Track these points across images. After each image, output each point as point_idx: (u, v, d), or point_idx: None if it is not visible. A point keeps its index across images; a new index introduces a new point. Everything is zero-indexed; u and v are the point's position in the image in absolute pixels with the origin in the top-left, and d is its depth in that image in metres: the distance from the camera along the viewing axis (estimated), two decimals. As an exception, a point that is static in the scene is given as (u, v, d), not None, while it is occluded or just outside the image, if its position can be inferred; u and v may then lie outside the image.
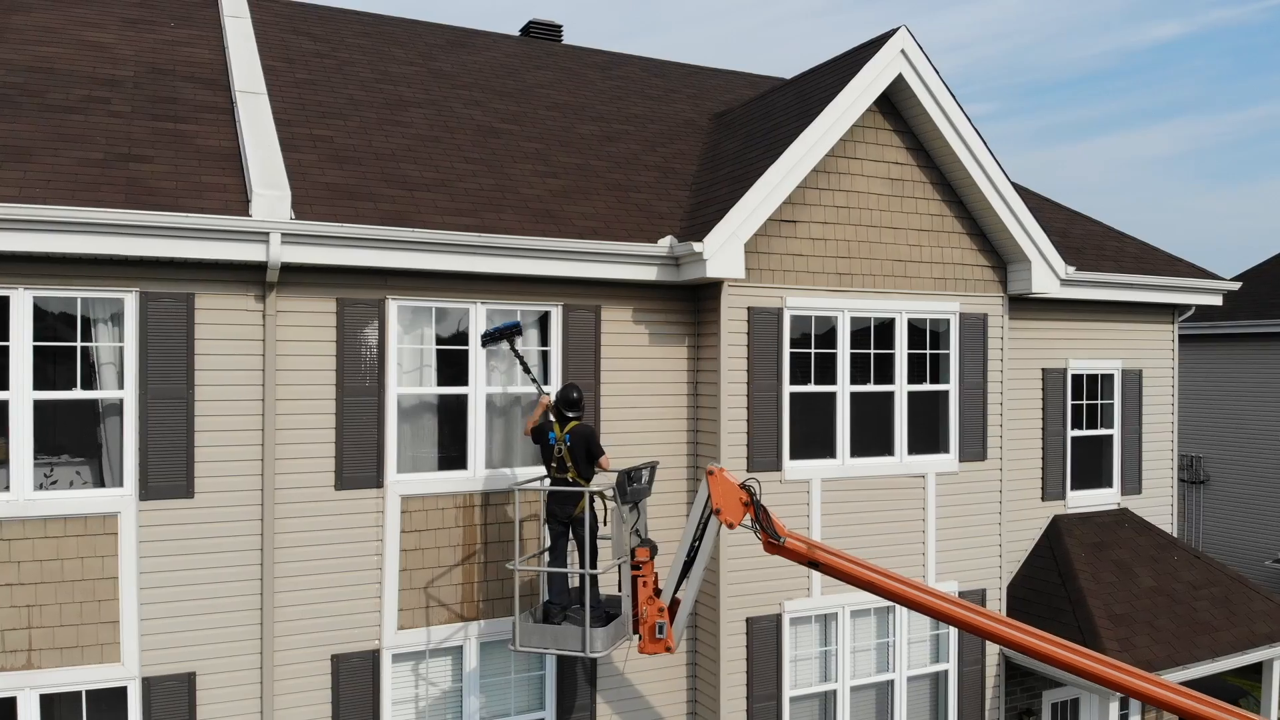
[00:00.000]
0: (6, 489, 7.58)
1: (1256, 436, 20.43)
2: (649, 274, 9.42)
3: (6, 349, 7.53)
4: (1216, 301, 12.98)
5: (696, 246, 9.08)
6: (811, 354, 10.10)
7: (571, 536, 8.35)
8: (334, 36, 12.14)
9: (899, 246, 10.49)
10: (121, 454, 7.91)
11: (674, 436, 9.94)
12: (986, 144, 10.48)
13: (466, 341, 9.07)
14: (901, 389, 10.55)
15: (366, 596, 8.68)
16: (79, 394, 7.79)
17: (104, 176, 7.87)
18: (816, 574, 10.06)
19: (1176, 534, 13.20)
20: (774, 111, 11.08)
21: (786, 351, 9.89)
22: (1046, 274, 10.89)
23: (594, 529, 8.18)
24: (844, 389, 10.22)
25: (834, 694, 10.23)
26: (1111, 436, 12.56)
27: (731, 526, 7.71)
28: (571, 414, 8.30)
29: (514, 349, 8.80)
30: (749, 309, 9.69)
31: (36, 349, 7.65)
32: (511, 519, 9.22)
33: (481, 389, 9.09)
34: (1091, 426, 12.44)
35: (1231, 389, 20.85)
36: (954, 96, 10.28)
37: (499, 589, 9.15)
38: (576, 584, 8.44)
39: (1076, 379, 12.31)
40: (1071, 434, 12.23)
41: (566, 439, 8.23)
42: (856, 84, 9.82)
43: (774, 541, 7.59)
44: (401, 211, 8.69)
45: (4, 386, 7.54)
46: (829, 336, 10.19)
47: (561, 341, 9.39)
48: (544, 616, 8.33)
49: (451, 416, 9.08)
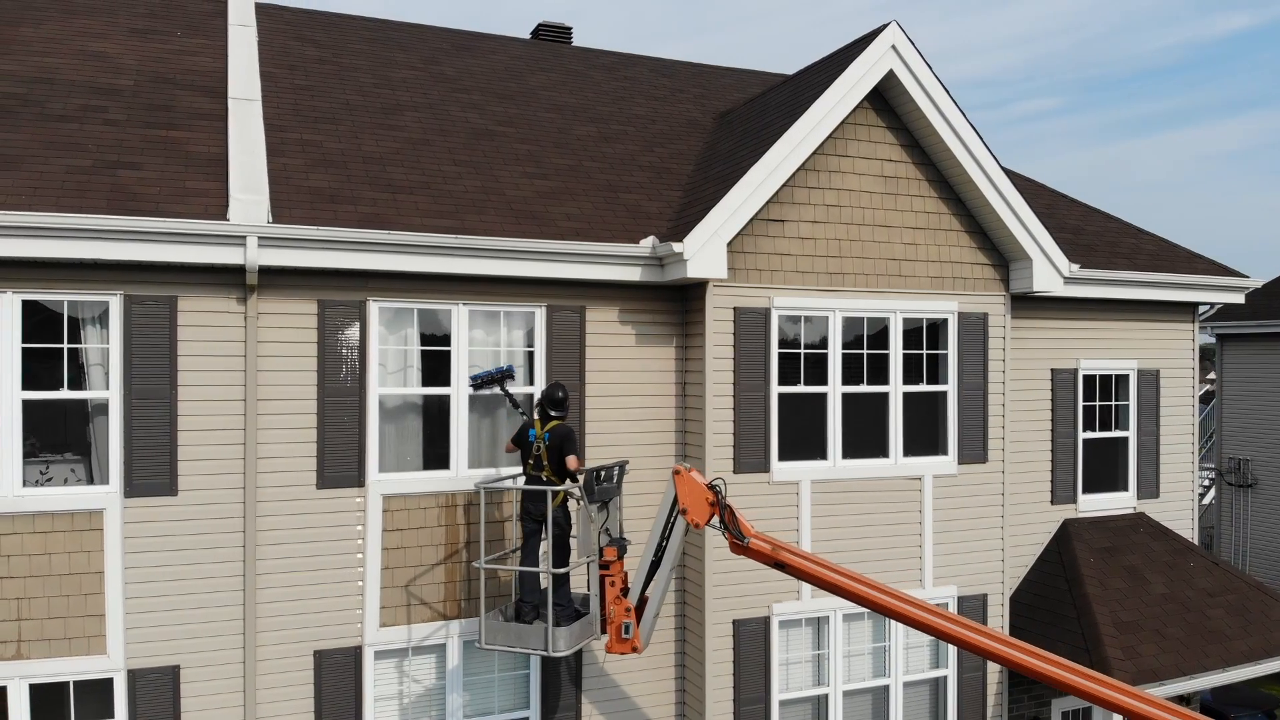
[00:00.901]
0: (-5, 486, 7.87)
1: (1305, 439, 19.70)
2: (632, 274, 9.42)
3: (-5, 351, 7.82)
4: (1238, 299, 12.55)
5: (676, 247, 9.05)
6: (801, 354, 10.00)
7: (544, 535, 8.39)
8: (338, 43, 12.35)
9: (893, 245, 10.33)
10: (107, 453, 8.16)
11: (661, 437, 9.92)
12: (983, 139, 10.27)
13: (449, 342, 9.16)
14: (896, 390, 10.39)
15: (348, 594, 8.81)
16: (66, 394, 8.04)
17: (90, 183, 8.11)
18: (806, 576, 9.95)
19: (1201, 540, 12.79)
20: (768, 110, 11.00)
21: (774, 352, 9.80)
22: (1049, 272, 10.63)
23: (568, 528, 8.20)
24: (835, 389, 10.10)
25: (826, 698, 10.11)
26: (1127, 439, 12.21)
27: (698, 526, 7.67)
28: (555, 413, 8.34)
29: (505, 391, 8.86)
30: (735, 309, 9.63)
31: (27, 350, 7.92)
32: (494, 518, 9.29)
33: (463, 390, 9.16)
34: (1105, 428, 12.11)
35: (1280, 389, 20.12)
36: (948, 92, 10.10)
37: (482, 589, 9.22)
38: (546, 581, 8.46)
39: (1088, 379, 12.00)
40: (1083, 436, 11.93)
41: (546, 437, 8.26)
42: (843, 82, 9.70)
43: (739, 542, 7.53)
44: (381, 214, 8.81)
45: (-7, 387, 7.83)
46: (820, 337, 10.07)
47: (545, 342, 9.43)
48: (516, 615, 8.38)
49: (433, 417, 9.17)
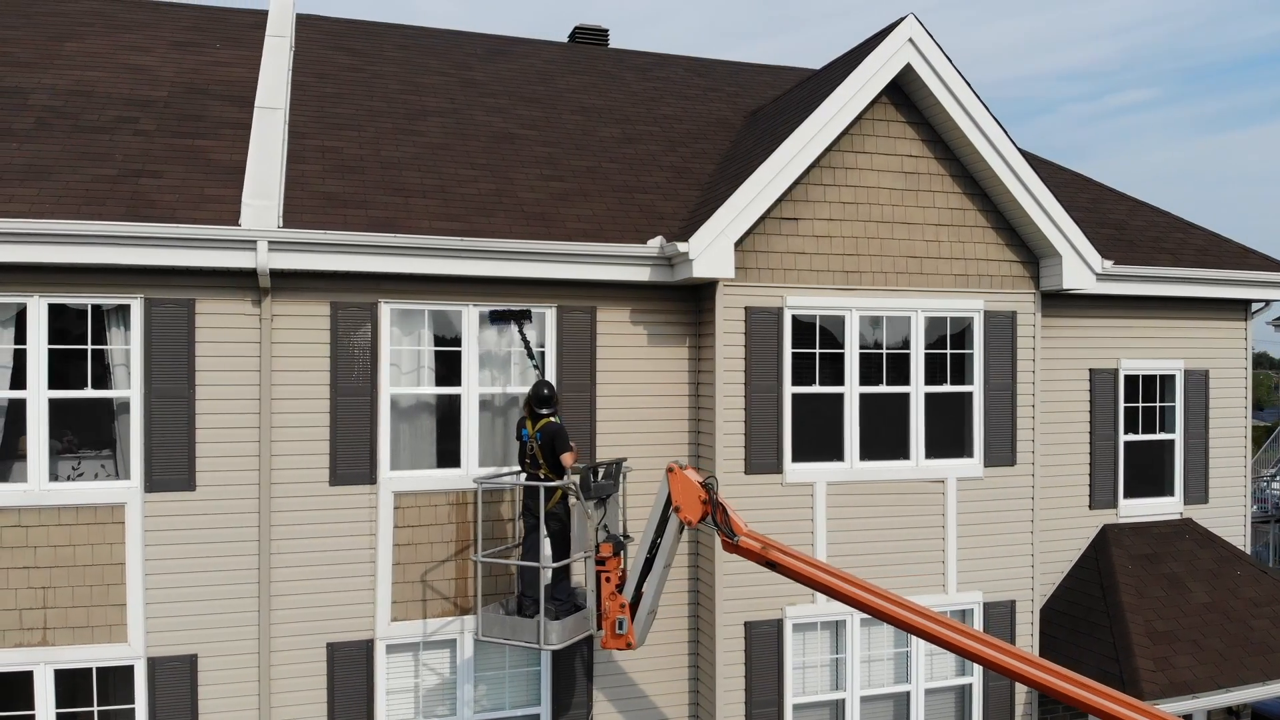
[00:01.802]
0: (24, 480, 8.29)
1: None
2: (641, 275, 9.43)
3: (24, 352, 8.23)
4: (1294, 295, 11.95)
5: (682, 247, 9.03)
6: (816, 354, 9.87)
7: (544, 532, 8.47)
8: (372, 50, 12.65)
9: (914, 242, 10.13)
10: (129, 449, 8.52)
11: (675, 437, 9.90)
12: (1007, 132, 10.00)
13: (460, 343, 9.30)
14: (918, 390, 10.17)
15: (361, 588, 9.03)
16: (90, 393, 8.42)
17: (112, 191, 8.49)
18: (822, 579, 9.82)
19: (1251, 548, 12.20)
20: (788, 107, 10.88)
21: (788, 351, 9.70)
22: (1080, 269, 10.29)
23: (568, 524, 8.27)
24: (852, 390, 9.94)
25: (842, 704, 9.96)
26: (1173, 442, 11.73)
27: (691, 524, 7.66)
28: (544, 411, 8.42)
29: (521, 333, 9.03)
30: (746, 308, 9.56)
31: (54, 351, 8.32)
32: (500, 516, 9.40)
33: (474, 389, 9.30)
34: (1149, 431, 11.65)
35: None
36: (969, 85, 9.85)
37: (493, 584, 9.34)
38: (549, 577, 8.53)
39: (1130, 380, 11.56)
40: (1125, 439, 11.49)
41: (538, 436, 8.35)
42: (855, 78, 9.54)
43: (729, 540, 7.49)
44: (391, 218, 9.00)
45: (22, 386, 8.24)
46: (836, 336, 9.93)
47: (556, 342, 9.50)
48: (517, 609, 8.48)
49: (445, 416, 9.33)
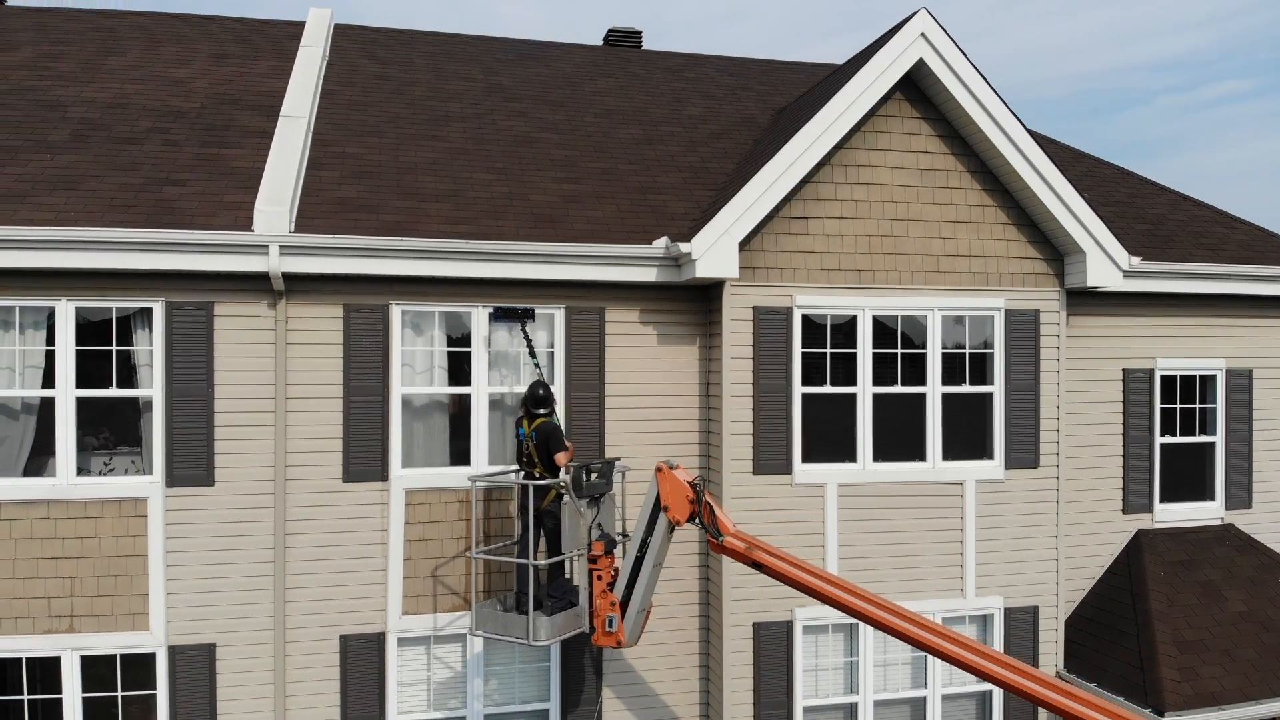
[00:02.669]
0: (53, 475, 8.73)
1: None
2: (648, 275, 9.48)
3: (53, 353, 8.67)
4: (1345, 292, 11.38)
5: (684, 247, 9.05)
6: (827, 354, 9.78)
7: (542, 530, 8.58)
8: (403, 59, 12.94)
9: (930, 240, 9.96)
10: (151, 445, 8.90)
11: (685, 438, 9.92)
12: (1025, 126, 9.76)
13: (469, 343, 9.48)
14: (935, 391, 10.01)
15: (373, 582, 9.26)
16: (115, 392, 8.82)
17: (136, 199, 8.88)
18: (833, 581, 9.73)
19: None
20: (805, 105, 10.80)
21: (797, 351, 9.64)
22: (1105, 265, 9.99)
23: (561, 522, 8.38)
24: (865, 390, 9.83)
25: (855, 707, 9.86)
26: (1213, 445, 11.29)
27: (679, 524, 7.68)
28: (540, 411, 8.54)
29: (524, 331, 9.19)
30: (754, 308, 9.53)
31: (83, 352, 8.74)
32: (511, 514, 9.54)
33: (483, 389, 9.47)
34: (1188, 433, 11.24)
35: None
36: (985, 79, 9.65)
37: (502, 580, 9.49)
38: (545, 574, 8.63)
39: (1167, 380, 11.16)
40: (1161, 441, 11.10)
41: (533, 435, 8.47)
42: (864, 75, 9.43)
43: (715, 540, 7.49)
44: (402, 222, 9.22)
45: (51, 385, 8.68)
46: (849, 335, 9.83)
47: (565, 343, 9.62)
48: (516, 605, 8.61)
49: (455, 415, 9.52)
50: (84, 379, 8.75)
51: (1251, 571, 10.59)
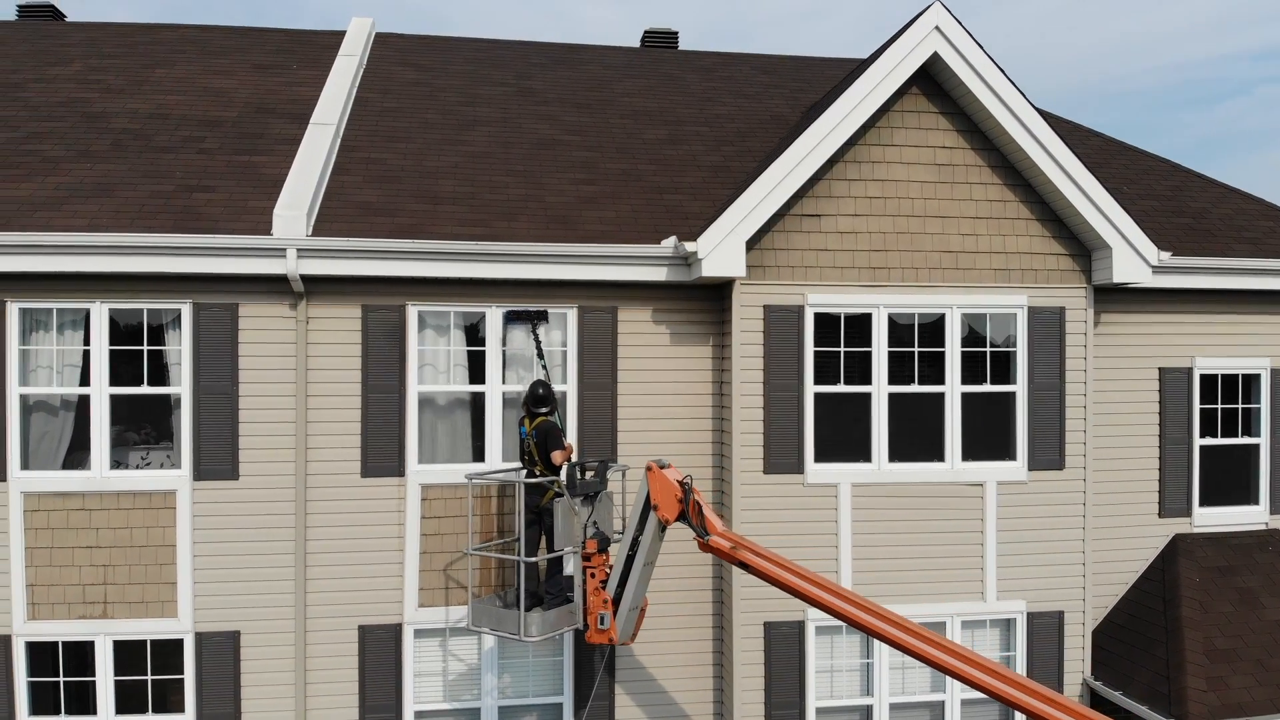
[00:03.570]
0: (88, 468, 9.21)
1: None
2: (658, 275, 9.53)
3: (89, 352, 9.15)
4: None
5: (690, 246, 9.09)
6: (841, 352, 9.70)
7: (542, 527, 8.71)
8: (439, 65, 13.23)
9: (949, 237, 9.80)
10: (180, 440, 9.32)
11: (698, 437, 9.95)
12: (1047, 120, 9.53)
13: (483, 343, 9.67)
14: (954, 390, 9.83)
15: (390, 575, 9.52)
16: (146, 390, 9.26)
17: (166, 206, 9.31)
18: (846, 580, 9.66)
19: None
20: (825, 101, 10.71)
21: (809, 350, 9.59)
22: (1132, 261, 9.68)
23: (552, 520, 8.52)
24: (881, 389, 9.71)
25: (870, 710, 9.75)
26: (1257, 446, 10.83)
27: (668, 522, 7.73)
28: (540, 410, 8.67)
29: (535, 333, 9.35)
30: (765, 307, 9.51)
31: (114, 352, 9.20)
32: (516, 510, 9.70)
33: (497, 387, 9.64)
34: (1230, 435, 10.80)
35: None
36: (1003, 72, 9.45)
37: (514, 575, 9.66)
38: (538, 571, 8.76)
39: (1207, 380, 10.75)
40: (1200, 443, 10.70)
41: (534, 434, 8.61)
42: (874, 73, 9.33)
43: (702, 539, 7.51)
44: (417, 224, 9.47)
45: (87, 383, 9.16)
46: (864, 334, 9.73)
47: (577, 342, 9.74)
48: (516, 600, 8.76)
49: (469, 413, 9.72)
50: (118, 377, 9.21)
51: (1295, 579, 10.14)
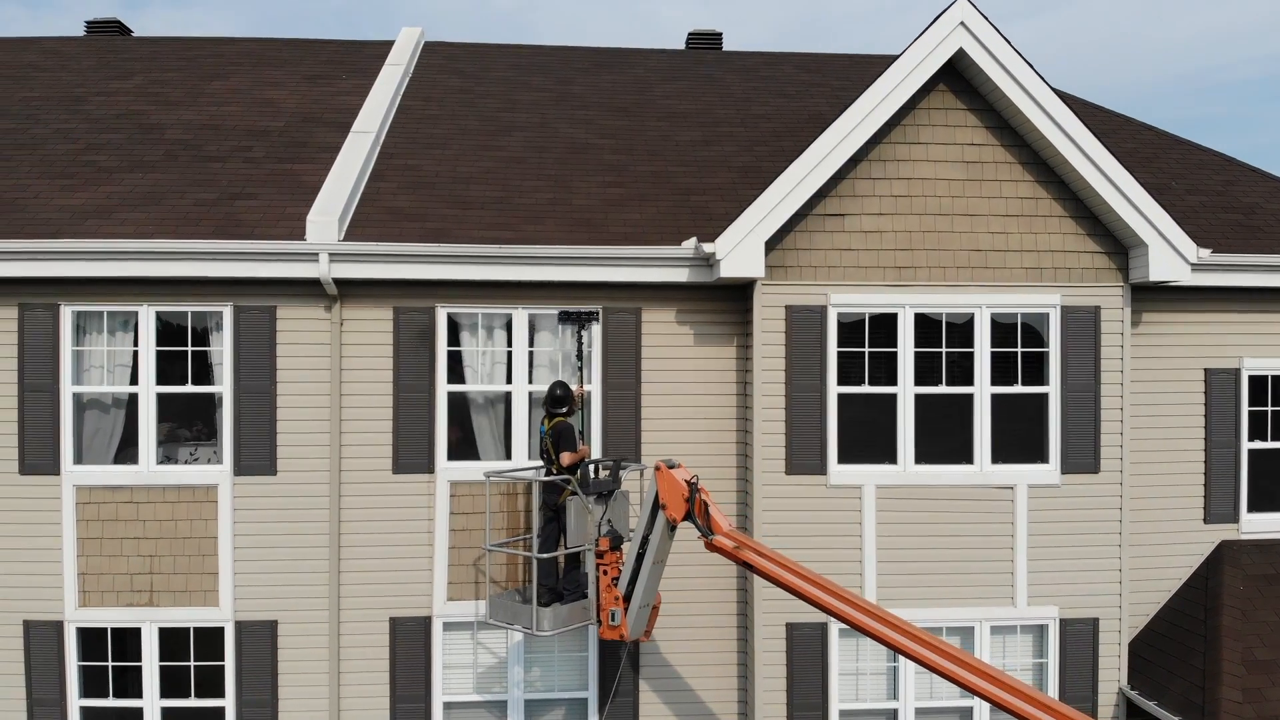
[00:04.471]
0: (136, 463, 9.69)
1: None
2: (679, 276, 9.61)
3: (138, 353, 9.64)
4: None
5: (708, 248, 9.15)
6: (865, 353, 9.64)
7: (559, 525, 8.87)
8: (482, 72, 13.52)
9: (978, 235, 9.66)
10: (221, 437, 9.75)
11: (722, 437, 9.99)
12: (1078, 115, 9.32)
13: (510, 343, 9.88)
14: (983, 391, 9.68)
15: (420, 569, 9.79)
16: (190, 388, 9.71)
17: (209, 213, 9.75)
18: (870, 582, 9.61)
19: None
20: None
21: (833, 350, 9.55)
22: (1169, 259, 9.40)
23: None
24: (906, 390, 9.62)
25: (895, 714, 9.67)
26: (1313, 450, 10.40)
27: (676, 521, 7.82)
28: (558, 410, 8.83)
29: (580, 334, 9.53)
30: (787, 307, 9.51)
31: (161, 353, 9.67)
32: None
33: (524, 387, 9.84)
34: (1281, 438, 10.40)
35: None
36: (1032, 67, 9.27)
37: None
38: (550, 567, 8.90)
39: (1256, 381, 10.36)
40: (1249, 446, 10.32)
41: (551, 434, 8.77)
42: (896, 71, 9.26)
43: (707, 538, 7.58)
44: (445, 229, 9.73)
45: (136, 382, 9.65)
46: (889, 334, 9.65)
47: (602, 343, 9.87)
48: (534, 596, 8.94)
49: (497, 411, 9.94)
50: (165, 377, 9.68)
51: (1349, 590, 9.71)
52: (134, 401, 9.66)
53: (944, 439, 9.71)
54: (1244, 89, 56.85)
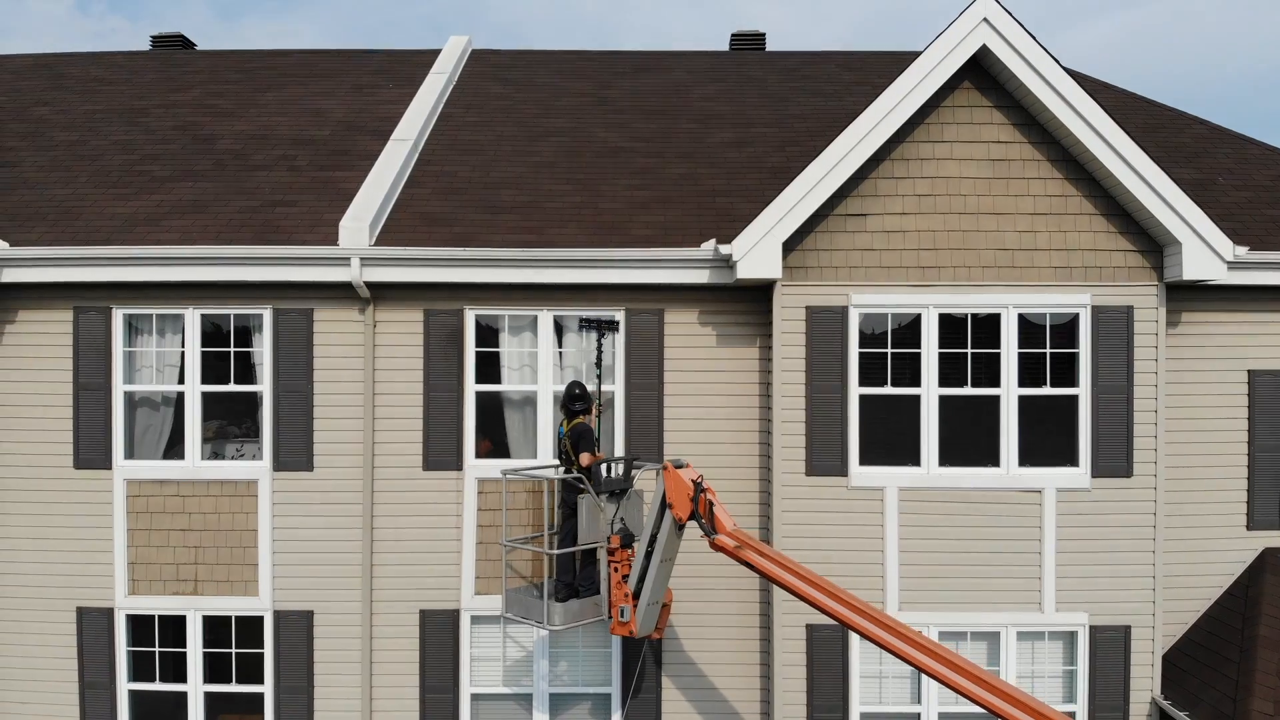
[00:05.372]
0: (182, 459, 10.18)
1: None
2: (700, 277, 9.69)
3: (184, 354, 10.12)
4: None
5: (724, 249, 9.21)
6: (888, 354, 9.58)
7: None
8: (525, 79, 13.77)
9: (1004, 234, 9.52)
10: (262, 434, 10.17)
11: (745, 438, 10.03)
12: (1107, 110, 9.11)
13: (536, 344, 10.09)
14: (1010, 393, 9.54)
15: (449, 563, 10.07)
16: (233, 387, 10.15)
17: (250, 220, 10.19)
18: (893, 583, 9.55)
19: None
20: (882, 101, 10.57)
21: (854, 351, 9.52)
22: (1204, 257, 9.13)
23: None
24: (930, 392, 9.53)
25: (918, 718, 9.59)
26: (1366, 456, 9.95)
27: (682, 520, 7.91)
28: (576, 409, 8.99)
29: (599, 340, 9.72)
30: (807, 308, 9.52)
31: (207, 353, 10.13)
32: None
33: (549, 387, 10.03)
34: (1333, 442, 9.98)
35: None
36: (1058, 63, 9.10)
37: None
38: (569, 562, 9.05)
39: (1305, 383, 9.97)
40: (1296, 450, 9.95)
41: (569, 434, 8.93)
42: (917, 69, 9.16)
43: (710, 538, 7.65)
44: (473, 233, 9.99)
45: (183, 381, 10.12)
46: (913, 335, 9.58)
47: (625, 343, 10.01)
48: (553, 591, 9.12)
49: (523, 411, 10.16)
50: (210, 376, 10.14)
51: (1400, 601, 9.29)
52: (180, 400, 10.14)
53: (969, 441, 9.59)
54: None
